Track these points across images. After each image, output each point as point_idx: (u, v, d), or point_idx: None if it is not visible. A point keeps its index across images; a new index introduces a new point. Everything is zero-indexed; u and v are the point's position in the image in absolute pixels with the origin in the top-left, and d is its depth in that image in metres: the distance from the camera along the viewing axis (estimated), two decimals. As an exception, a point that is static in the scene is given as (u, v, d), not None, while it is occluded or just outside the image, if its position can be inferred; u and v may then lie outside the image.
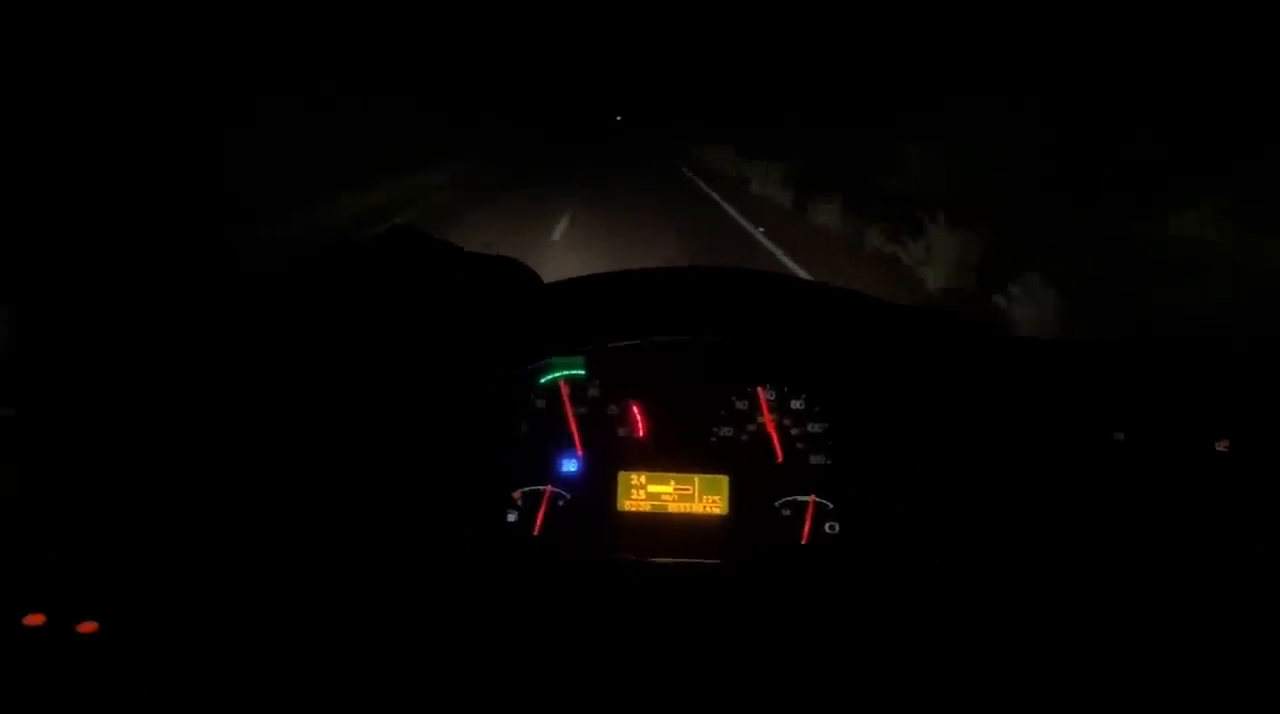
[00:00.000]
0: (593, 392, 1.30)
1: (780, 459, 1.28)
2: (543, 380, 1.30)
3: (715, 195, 15.90)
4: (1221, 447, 1.09)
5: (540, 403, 1.29)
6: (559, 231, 10.67)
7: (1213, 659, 1.04)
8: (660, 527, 1.26)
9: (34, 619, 0.99)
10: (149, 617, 1.02)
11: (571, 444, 1.28)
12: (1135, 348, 1.27)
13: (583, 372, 1.29)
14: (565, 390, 1.29)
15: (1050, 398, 1.18)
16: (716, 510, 1.26)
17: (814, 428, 1.29)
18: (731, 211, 13.66)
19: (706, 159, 22.45)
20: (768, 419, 1.28)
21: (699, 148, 24.66)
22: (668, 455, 1.28)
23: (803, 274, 8.21)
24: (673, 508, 1.26)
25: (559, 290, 1.26)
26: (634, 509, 1.26)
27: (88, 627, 1.00)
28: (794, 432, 1.29)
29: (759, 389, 1.29)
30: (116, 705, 0.95)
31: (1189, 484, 1.10)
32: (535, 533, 1.24)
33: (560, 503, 1.26)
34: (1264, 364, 1.21)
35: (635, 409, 1.29)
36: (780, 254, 9.62)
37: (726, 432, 1.29)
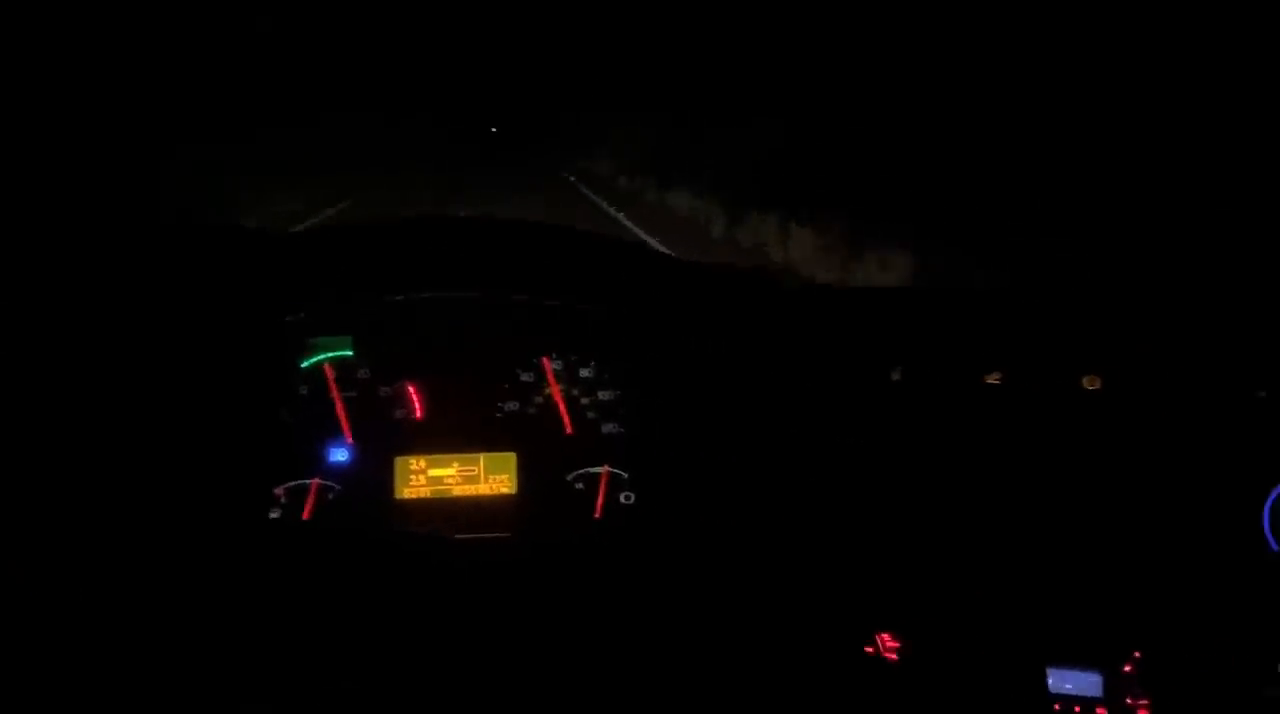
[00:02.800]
0: (362, 373, 1.19)
1: (570, 431, 1.21)
2: (305, 363, 1.18)
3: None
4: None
5: (304, 389, 1.18)
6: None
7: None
8: (445, 513, 1.16)
9: None
10: None
11: (340, 431, 1.17)
12: (917, 293, 1.27)
13: (350, 352, 1.19)
14: (331, 373, 1.18)
15: (826, 344, 1.15)
16: (505, 490, 1.18)
17: (604, 396, 1.22)
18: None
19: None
20: (555, 390, 1.21)
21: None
22: (449, 436, 1.19)
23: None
24: (457, 491, 1.17)
25: (310, 239, 1.14)
26: (414, 496, 1.17)
27: None
28: (584, 401, 1.22)
29: (544, 359, 1.22)
30: None
31: (963, 420, 1.09)
32: None
33: (330, 495, 1.15)
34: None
35: (411, 389, 1.19)
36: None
37: (512, 406, 1.21)
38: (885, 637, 1.04)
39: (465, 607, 1.05)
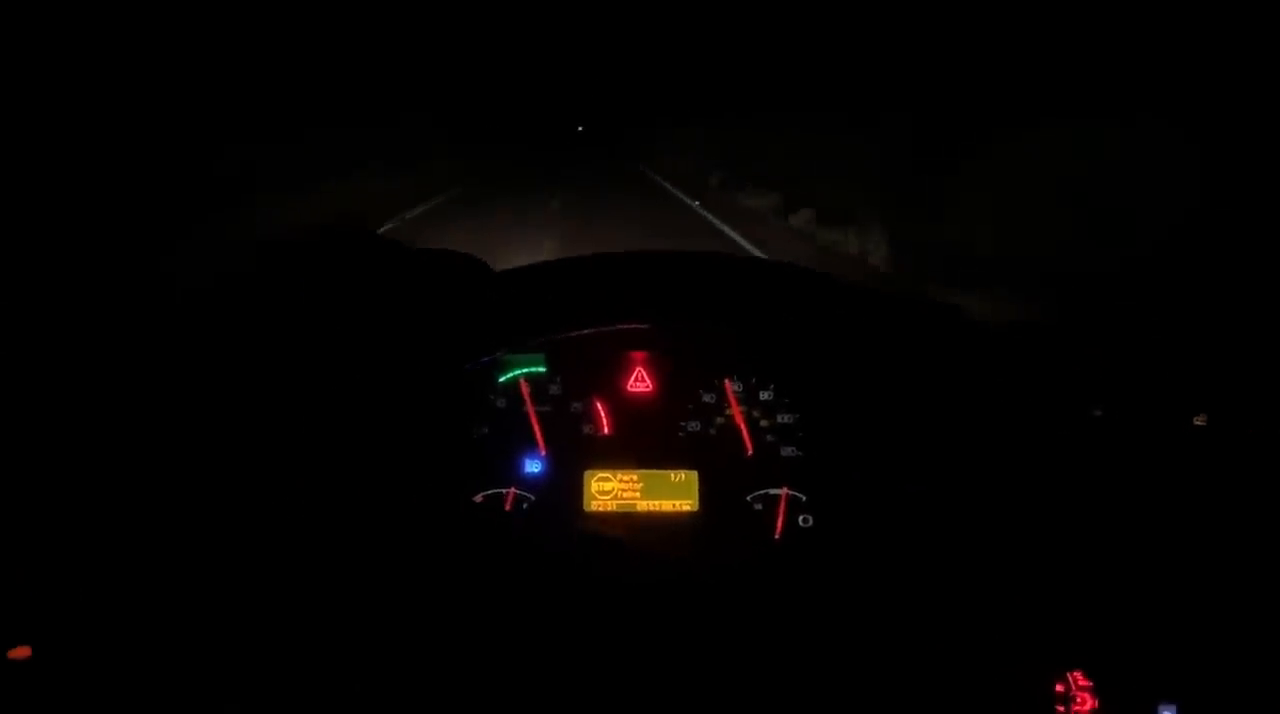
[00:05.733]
0: (554, 389, 1.25)
1: (750, 452, 1.24)
2: (502, 379, 1.25)
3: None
4: (1199, 422, 1.06)
5: (500, 402, 1.25)
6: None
7: (1197, 630, 1.01)
8: (630, 527, 1.21)
9: None
10: (83, 641, 0.96)
11: (534, 444, 1.23)
12: (1106, 328, 1.24)
13: (543, 368, 1.25)
14: (526, 389, 1.25)
15: (1022, 380, 1.15)
16: (687, 507, 1.22)
17: (784, 419, 1.25)
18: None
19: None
20: (736, 412, 1.24)
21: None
22: (634, 452, 1.23)
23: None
24: (641, 506, 1.22)
25: (511, 278, 1.21)
26: (601, 509, 1.22)
27: (20, 652, 0.94)
28: (764, 424, 1.25)
29: (726, 381, 1.25)
30: None
31: (1168, 459, 1.07)
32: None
33: (525, 505, 1.21)
34: (1241, 340, 1.19)
35: (599, 406, 1.25)
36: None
37: (694, 426, 1.25)
38: (1077, 675, 1.04)
39: (648, 624, 1.09)
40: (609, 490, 1.22)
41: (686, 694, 1.05)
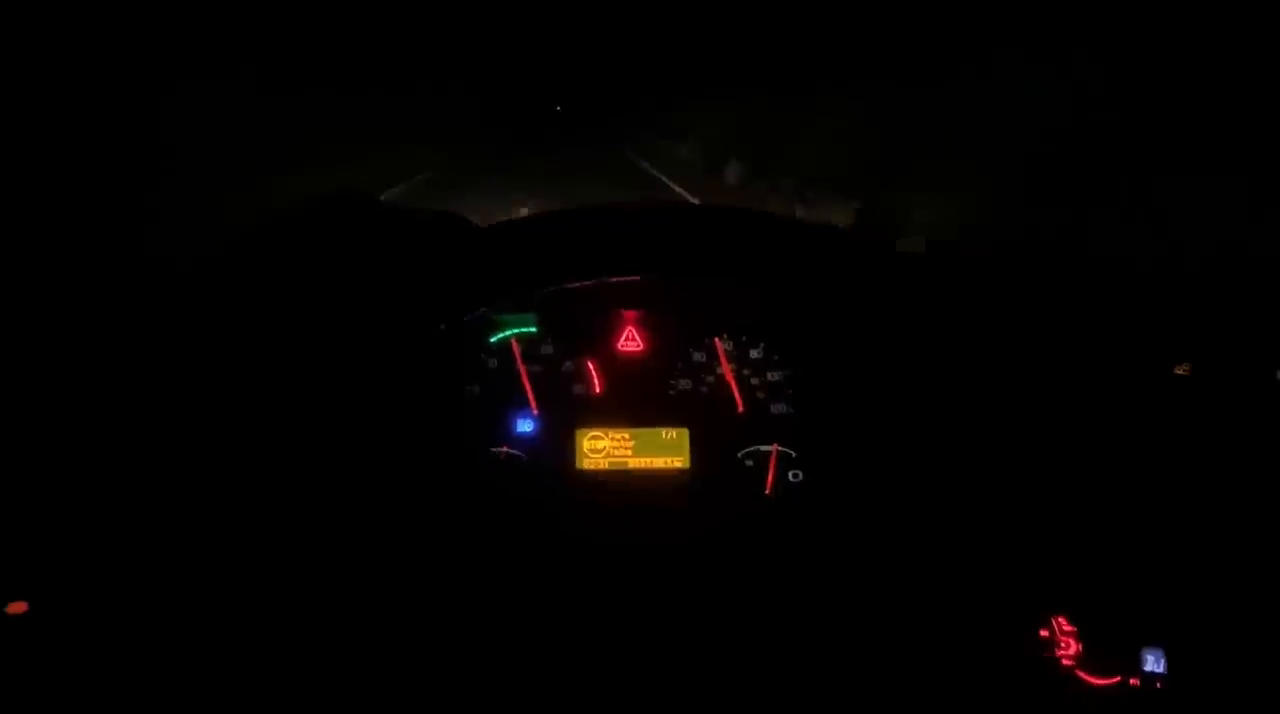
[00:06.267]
0: (546, 349, 1.26)
1: (741, 409, 1.25)
2: (493, 339, 1.26)
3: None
4: (1181, 371, 1.08)
5: (492, 362, 1.25)
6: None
7: (1181, 575, 1.03)
8: (622, 484, 1.22)
9: None
10: (81, 597, 0.97)
11: (526, 403, 1.24)
12: (1098, 287, 1.26)
13: (534, 328, 1.26)
14: (517, 348, 1.25)
15: (1001, 331, 1.16)
16: (678, 465, 1.23)
17: (774, 376, 1.26)
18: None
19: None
20: (726, 369, 1.26)
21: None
22: (626, 411, 1.24)
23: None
24: (633, 465, 1.23)
25: (496, 233, 1.21)
26: (593, 467, 1.23)
27: (17, 607, 0.95)
28: (754, 381, 1.26)
29: (716, 340, 1.26)
30: (45, 688, 0.90)
31: (1147, 406, 1.09)
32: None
33: (517, 464, 1.22)
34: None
35: (590, 365, 1.26)
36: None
37: (685, 384, 1.26)
38: (1061, 620, 1.06)
39: (641, 579, 1.11)
40: (600, 449, 1.23)
41: (681, 650, 1.07)
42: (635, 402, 1.25)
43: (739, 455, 1.23)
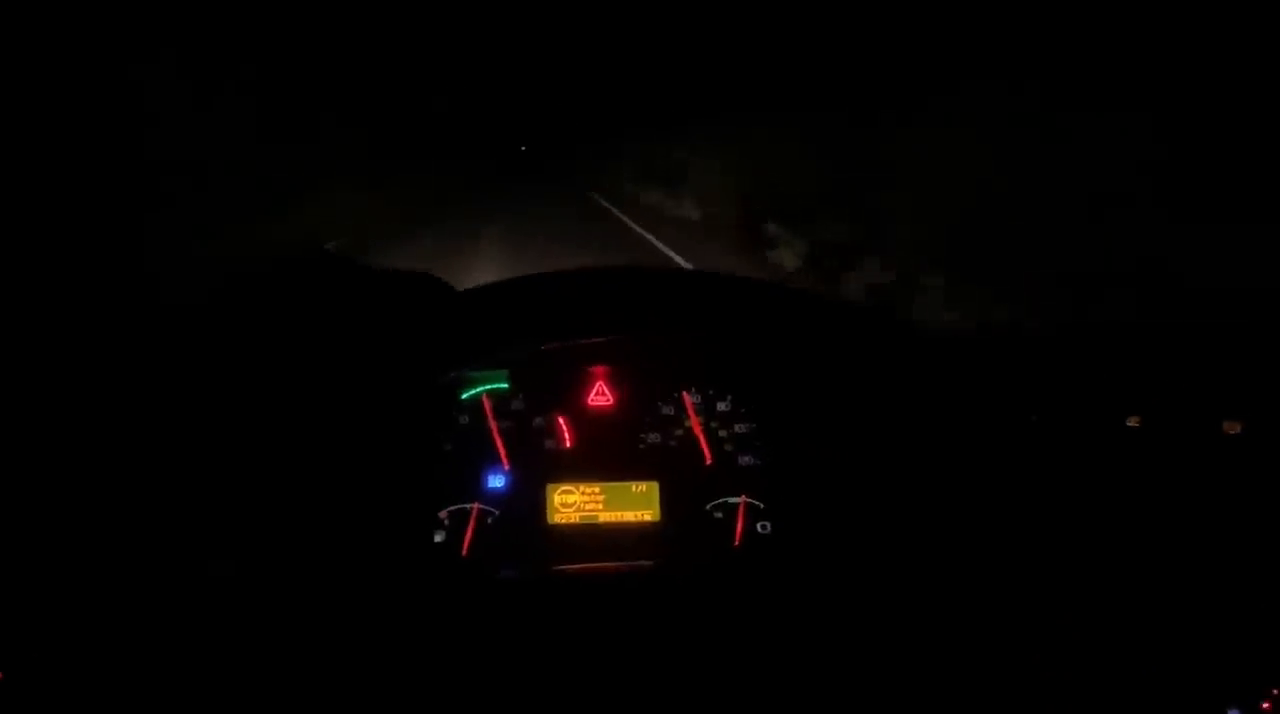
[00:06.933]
0: (516, 405, 1.28)
1: (709, 462, 1.27)
2: (465, 395, 1.27)
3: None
4: (1133, 423, 1.11)
5: (464, 419, 1.27)
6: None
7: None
8: (592, 538, 1.24)
9: None
10: (54, 664, 0.96)
11: (497, 459, 1.25)
12: (1053, 336, 1.30)
13: (505, 384, 1.27)
14: (488, 404, 1.27)
15: (962, 385, 1.19)
16: (648, 517, 1.25)
17: (741, 428, 1.28)
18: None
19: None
20: (695, 422, 1.28)
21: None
22: (596, 465, 1.26)
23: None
24: (603, 518, 1.24)
25: (472, 297, 1.24)
26: (564, 521, 1.24)
27: None
28: (722, 434, 1.28)
29: (684, 393, 1.29)
30: None
31: (1102, 460, 1.12)
32: (464, 553, 1.21)
33: (489, 520, 1.23)
34: (1173, 342, 1.24)
35: (561, 420, 1.27)
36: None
37: (654, 438, 1.28)
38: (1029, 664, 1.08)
39: (613, 633, 1.12)
40: (571, 503, 1.24)
41: (652, 703, 1.07)
42: (605, 456, 1.26)
43: (708, 507, 1.25)
